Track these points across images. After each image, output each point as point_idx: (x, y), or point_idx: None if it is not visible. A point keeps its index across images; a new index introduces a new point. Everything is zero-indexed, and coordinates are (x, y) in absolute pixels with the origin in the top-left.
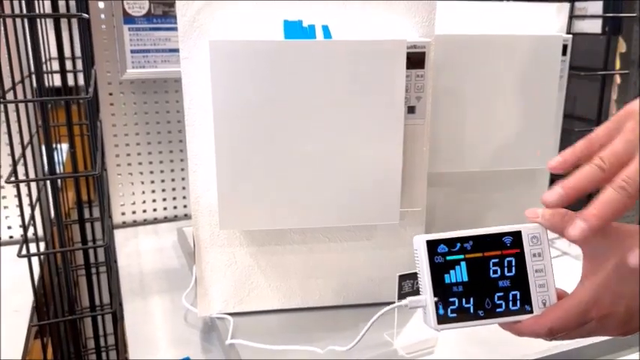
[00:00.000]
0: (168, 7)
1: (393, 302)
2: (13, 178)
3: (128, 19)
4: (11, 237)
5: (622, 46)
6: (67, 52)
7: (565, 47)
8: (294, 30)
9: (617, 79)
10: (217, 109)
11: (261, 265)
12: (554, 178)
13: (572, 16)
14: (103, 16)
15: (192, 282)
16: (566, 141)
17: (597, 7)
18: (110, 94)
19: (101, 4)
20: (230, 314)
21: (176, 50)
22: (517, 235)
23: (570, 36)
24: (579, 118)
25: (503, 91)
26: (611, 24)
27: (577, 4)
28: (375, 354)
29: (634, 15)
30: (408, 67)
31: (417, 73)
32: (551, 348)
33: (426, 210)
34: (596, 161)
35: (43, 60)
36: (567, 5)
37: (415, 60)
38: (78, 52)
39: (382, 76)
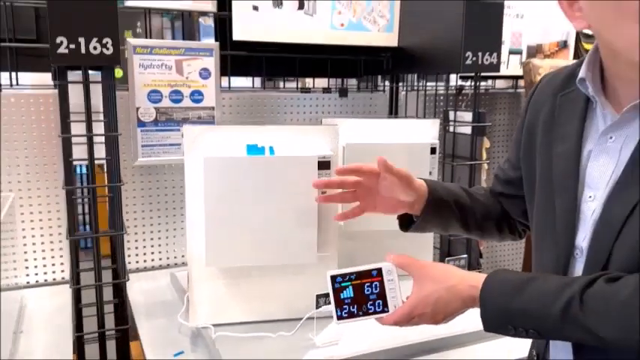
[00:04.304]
0: (169, 115)
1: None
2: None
3: (140, 123)
4: (37, 281)
5: (487, 143)
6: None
7: (434, 149)
8: (253, 150)
9: (485, 165)
10: (207, 195)
11: (232, 291)
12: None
13: (448, 123)
14: (122, 122)
15: (183, 307)
16: None
17: (469, 116)
18: (125, 175)
19: (121, 114)
20: (212, 325)
21: (175, 144)
22: (379, 270)
23: (438, 141)
24: None
25: None
26: (477, 129)
27: (459, 113)
28: (302, 344)
29: (489, 124)
30: (320, 169)
31: (326, 172)
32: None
33: (344, 254)
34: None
35: None
36: (438, 120)
37: (324, 165)
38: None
39: (302, 176)
